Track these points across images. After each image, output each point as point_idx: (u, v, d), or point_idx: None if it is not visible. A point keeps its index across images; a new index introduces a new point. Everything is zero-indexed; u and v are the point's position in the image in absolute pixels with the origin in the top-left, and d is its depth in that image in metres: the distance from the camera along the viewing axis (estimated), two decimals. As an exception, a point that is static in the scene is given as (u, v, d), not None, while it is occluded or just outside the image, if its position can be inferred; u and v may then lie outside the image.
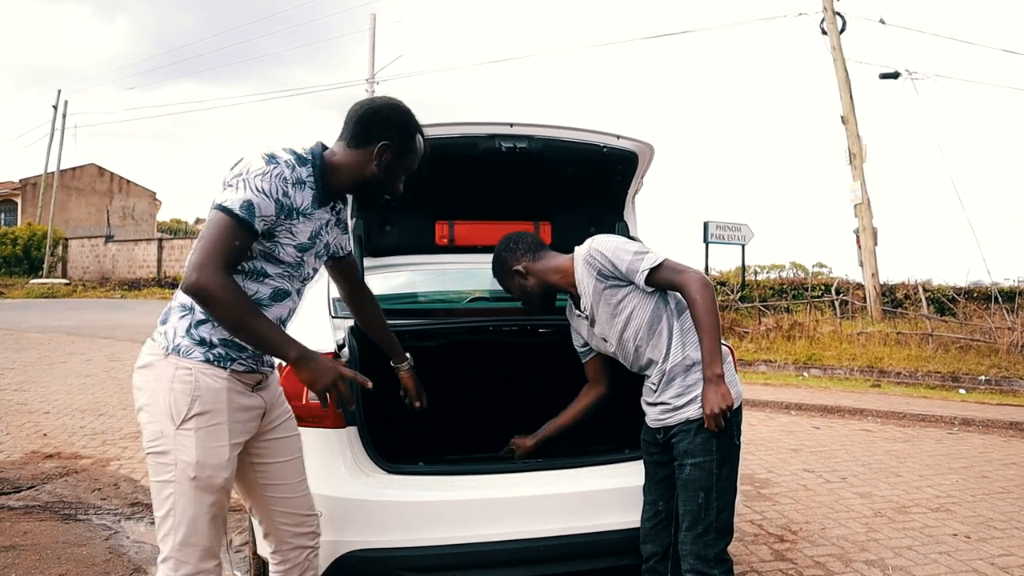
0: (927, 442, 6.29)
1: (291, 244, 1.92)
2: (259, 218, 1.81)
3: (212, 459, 1.88)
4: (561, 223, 3.27)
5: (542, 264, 2.39)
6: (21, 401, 7.15)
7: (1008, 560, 3.52)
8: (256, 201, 1.80)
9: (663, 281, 2.16)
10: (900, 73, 14.05)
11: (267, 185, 1.82)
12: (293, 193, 1.87)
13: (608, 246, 2.20)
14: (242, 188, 1.81)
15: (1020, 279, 15.08)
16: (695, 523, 2.11)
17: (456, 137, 2.81)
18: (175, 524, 1.88)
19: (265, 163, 1.84)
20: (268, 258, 1.92)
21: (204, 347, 1.88)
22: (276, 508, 2.12)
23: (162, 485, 1.89)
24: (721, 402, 2.06)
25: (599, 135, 2.94)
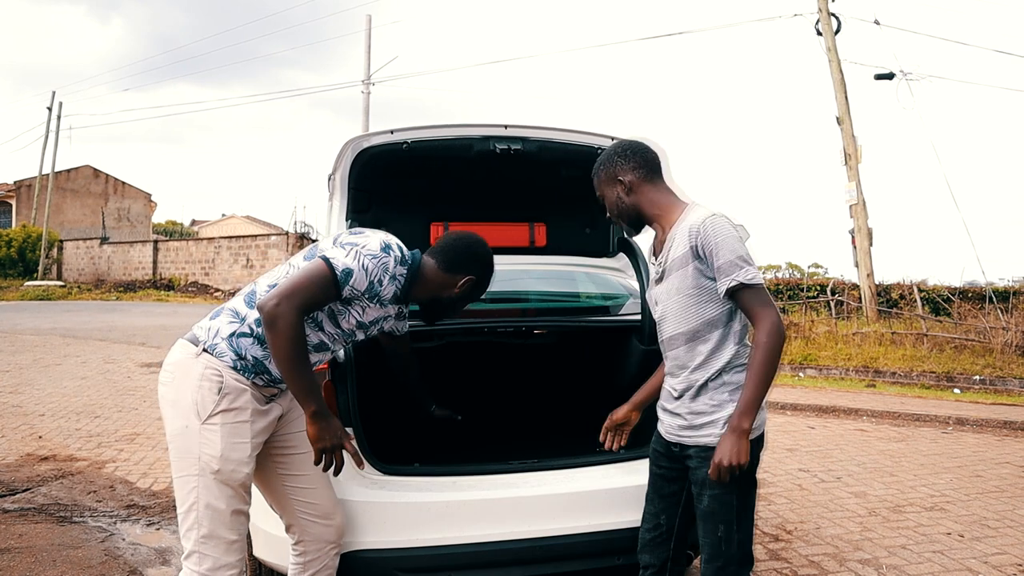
0: (922, 442, 6.31)
1: (356, 318, 2.13)
2: (350, 287, 2.01)
3: (235, 454, 1.99)
4: (555, 224, 3.28)
5: (651, 189, 2.12)
6: (16, 403, 7.13)
7: (1001, 559, 3.53)
8: (357, 274, 2.00)
9: (743, 303, 1.95)
10: (895, 74, 14.11)
11: (371, 267, 2.03)
12: (386, 283, 2.07)
13: (719, 232, 1.94)
14: (351, 257, 2.01)
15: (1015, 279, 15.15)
16: (715, 556, 2.00)
17: (451, 139, 2.82)
18: (198, 518, 1.96)
19: (379, 248, 2.06)
20: (332, 317, 2.10)
21: (236, 356, 2.02)
22: (297, 498, 2.20)
23: (185, 480, 1.98)
24: (736, 458, 1.89)
25: (593, 137, 2.95)
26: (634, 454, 2.78)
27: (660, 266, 2.11)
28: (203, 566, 1.97)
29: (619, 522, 2.54)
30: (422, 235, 3.14)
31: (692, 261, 1.98)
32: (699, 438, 2.02)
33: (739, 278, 1.91)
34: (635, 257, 3.15)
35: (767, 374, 1.90)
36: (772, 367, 1.91)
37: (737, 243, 1.94)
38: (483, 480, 2.60)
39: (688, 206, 2.08)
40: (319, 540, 2.22)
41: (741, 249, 1.94)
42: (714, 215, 1.96)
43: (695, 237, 1.96)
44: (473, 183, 3.03)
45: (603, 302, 3.49)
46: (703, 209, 2.02)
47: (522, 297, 3.85)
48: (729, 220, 1.98)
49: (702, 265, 1.98)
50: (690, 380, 2.04)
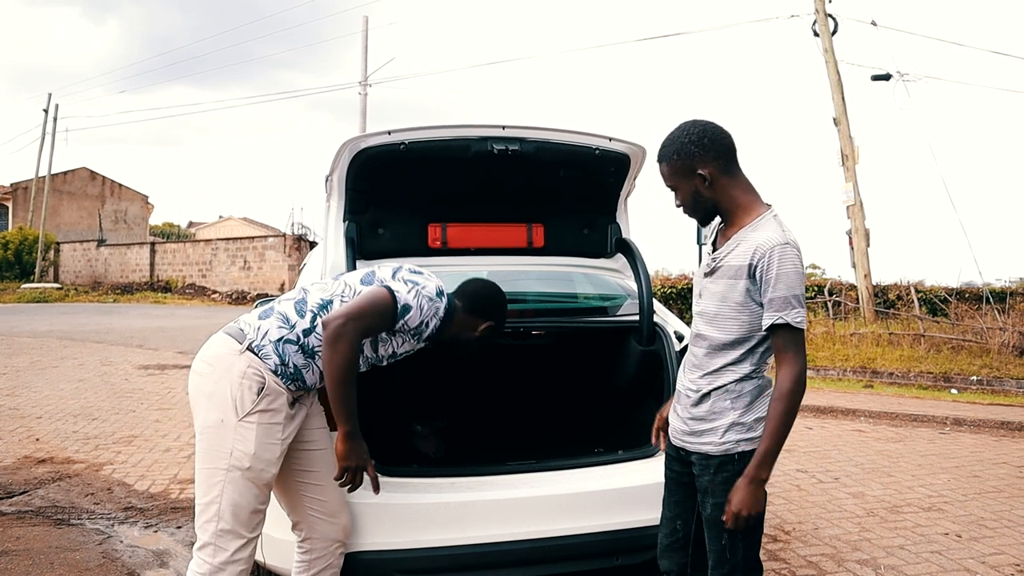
0: (919, 442, 6.32)
1: (393, 349, 2.27)
2: (404, 322, 2.16)
3: (267, 454, 2.06)
4: (554, 225, 3.27)
5: (732, 183, 1.98)
6: (13, 406, 7.11)
7: (999, 559, 3.54)
8: (414, 312, 2.17)
9: (779, 341, 1.89)
10: (892, 75, 14.11)
11: (426, 308, 2.20)
12: (429, 320, 2.24)
13: (784, 264, 1.85)
14: (412, 296, 2.17)
15: (1011, 280, 15.18)
16: (721, 563, 1.99)
17: (448, 139, 2.82)
18: (220, 511, 2.01)
19: (436, 293, 2.24)
20: (373, 344, 2.22)
21: (280, 362, 2.10)
22: (308, 495, 2.23)
23: (211, 472, 2.03)
24: (752, 508, 1.86)
25: (591, 137, 2.95)
26: (633, 455, 2.78)
27: (715, 260, 2.01)
28: (217, 559, 2.01)
29: (618, 522, 2.54)
30: (419, 236, 3.14)
31: (745, 279, 1.91)
32: (699, 445, 2.01)
33: (787, 318, 1.85)
34: (633, 258, 3.15)
35: (787, 425, 1.86)
36: (792, 418, 1.87)
37: (797, 280, 1.87)
38: (482, 481, 2.60)
39: (765, 214, 1.96)
40: (325, 538, 2.25)
41: (798, 288, 1.87)
42: (786, 244, 1.87)
43: (758, 258, 1.88)
44: (471, 184, 3.03)
45: (601, 303, 3.48)
46: (777, 229, 1.91)
47: (520, 298, 3.84)
48: (798, 250, 1.89)
49: (753, 287, 1.91)
50: (699, 384, 2.02)
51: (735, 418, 1.95)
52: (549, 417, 3.84)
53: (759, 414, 1.94)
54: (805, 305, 1.89)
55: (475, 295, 2.40)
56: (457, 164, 2.89)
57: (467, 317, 2.37)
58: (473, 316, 2.38)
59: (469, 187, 3.05)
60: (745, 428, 1.94)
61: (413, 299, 2.16)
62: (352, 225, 2.95)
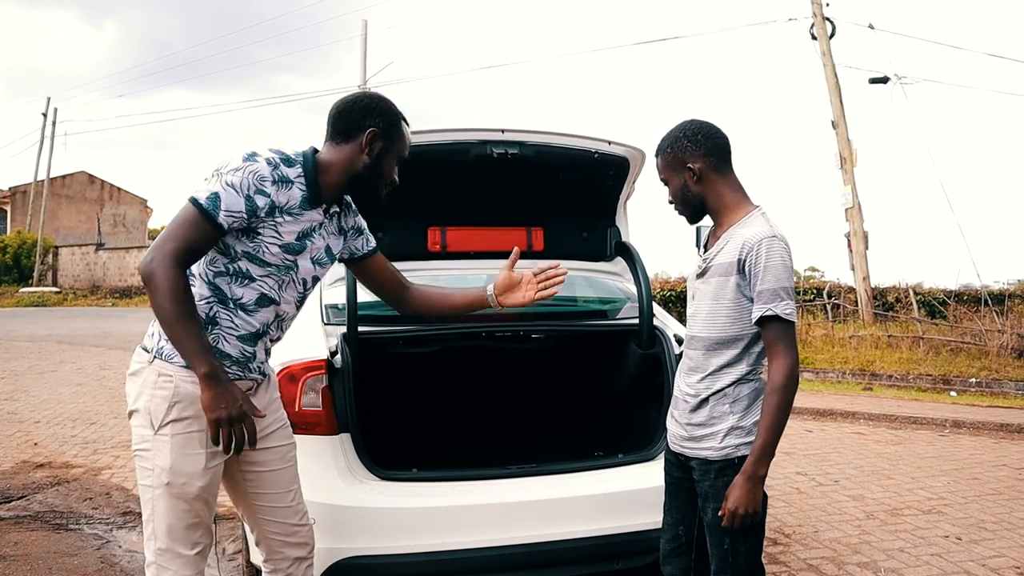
0: (919, 444, 6.32)
1: (276, 244, 1.89)
2: (224, 212, 1.79)
3: (187, 467, 1.86)
4: (553, 228, 3.28)
5: (720, 180, 2.01)
6: (11, 410, 7.10)
7: (999, 561, 3.53)
8: (223, 195, 1.79)
9: (770, 334, 1.90)
10: (889, 78, 14.14)
11: (238, 181, 1.80)
12: (274, 191, 1.84)
13: (771, 257, 1.87)
14: (213, 182, 1.81)
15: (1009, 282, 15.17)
16: (723, 567, 1.99)
17: (448, 143, 2.82)
18: (155, 530, 1.89)
19: (241, 160, 1.84)
20: (252, 259, 1.89)
21: None
22: (265, 516, 2.09)
23: (144, 489, 1.91)
24: (749, 506, 1.86)
25: (590, 141, 2.95)
26: (632, 458, 2.78)
27: (705, 262, 2.04)
28: None
29: (618, 526, 2.54)
30: (419, 239, 3.14)
31: (735, 275, 1.93)
32: (699, 450, 2.01)
33: (775, 309, 1.86)
34: (633, 261, 3.15)
35: (782, 420, 1.87)
36: (787, 412, 1.87)
37: (785, 273, 1.88)
38: (481, 485, 2.60)
39: (753, 211, 1.99)
40: (287, 558, 2.13)
41: (786, 280, 1.88)
42: (773, 237, 1.89)
43: (745, 253, 1.90)
44: (470, 187, 3.03)
45: (601, 306, 3.48)
46: (764, 224, 1.93)
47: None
48: (785, 244, 1.91)
49: (744, 282, 1.93)
50: (697, 388, 2.02)
51: (734, 422, 1.95)
52: (549, 421, 3.84)
53: (758, 417, 1.94)
54: (794, 299, 1.90)
55: (332, 117, 1.98)
56: (456, 168, 2.89)
57: (345, 148, 1.94)
58: (347, 139, 1.94)
59: (468, 191, 3.05)
60: (744, 432, 1.95)
61: (215, 185, 1.80)
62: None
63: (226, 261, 1.89)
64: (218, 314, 1.90)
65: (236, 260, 1.89)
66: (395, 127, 1.99)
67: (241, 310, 1.91)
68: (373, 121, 1.94)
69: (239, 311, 1.92)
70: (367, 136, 1.93)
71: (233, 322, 1.92)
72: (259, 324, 1.95)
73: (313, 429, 2.46)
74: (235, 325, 1.92)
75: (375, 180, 2.00)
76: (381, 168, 1.98)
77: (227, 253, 1.89)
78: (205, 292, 1.89)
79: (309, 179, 1.91)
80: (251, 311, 1.93)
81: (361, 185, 1.99)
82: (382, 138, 1.95)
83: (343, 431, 2.49)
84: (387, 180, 2.02)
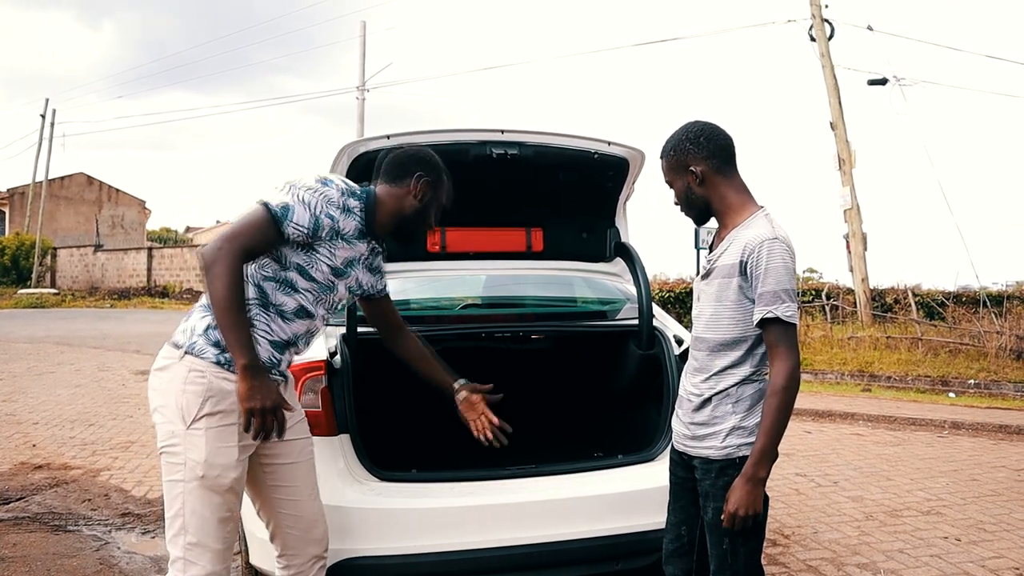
0: (917, 445, 6.32)
1: (327, 264, 2.04)
2: (291, 223, 1.93)
3: (221, 459, 1.92)
4: (553, 229, 3.28)
5: (723, 183, 2.00)
6: (10, 412, 7.09)
7: (998, 562, 3.54)
8: (295, 208, 1.93)
9: (771, 336, 1.89)
10: (888, 79, 14.17)
11: (310, 200, 1.95)
12: (339, 217, 2.00)
13: (772, 259, 1.87)
14: (286, 193, 1.96)
15: (1008, 283, 15.20)
16: (722, 568, 1.99)
17: (447, 144, 2.82)
18: (184, 524, 1.93)
19: (315, 181, 2.00)
20: (302, 272, 2.02)
21: (217, 349, 1.94)
22: (283, 511, 2.14)
23: (172, 484, 1.94)
24: (749, 508, 1.86)
25: (590, 141, 2.95)
26: (632, 459, 2.78)
27: (710, 263, 2.04)
28: (188, 573, 1.93)
29: (618, 527, 2.53)
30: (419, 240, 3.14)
31: (737, 276, 1.93)
32: (701, 450, 2.01)
33: (776, 311, 1.86)
34: (632, 262, 3.15)
35: (782, 422, 1.86)
36: (787, 414, 1.87)
37: (786, 274, 1.88)
38: (481, 486, 2.60)
39: (757, 213, 1.98)
40: (303, 554, 2.18)
41: (787, 282, 1.88)
42: (774, 239, 1.88)
43: (748, 254, 1.90)
44: (469, 188, 3.02)
45: (600, 307, 3.49)
46: (767, 225, 1.93)
47: (519, 302, 3.85)
48: (788, 245, 1.90)
49: (746, 284, 1.93)
50: (701, 388, 2.02)
51: (736, 422, 1.95)
52: (549, 421, 3.83)
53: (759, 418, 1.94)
54: (796, 300, 1.90)
55: (388, 164, 2.18)
56: (456, 168, 2.88)
57: (395, 188, 2.14)
58: (400, 182, 2.14)
59: (468, 191, 3.05)
60: (747, 432, 1.94)
61: (289, 197, 1.95)
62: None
63: (277, 268, 2.01)
64: (257, 316, 1.99)
65: (287, 270, 2.01)
66: (441, 176, 2.19)
67: (280, 317, 2.02)
68: (424, 168, 2.15)
69: (278, 318, 2.02)
70: (416, 182, 2.13)
71: (270, 327, 2.01)
72: (292, 334, 2.06)
73: (312, 430, 2.45)
74: (271, 330, 2.02)
75: (417, 221, 2.18)
76: (425, 211, 2.17)
77: (280, 261, 2.01)
78: (250, 293, 1.99)
79: (367, 213, 2.08)
80: (288, 319, 2.04)
81: (407, 226, 2.18)
82: (430, 184, 2.15)
83: (342, 432, 2.49)
84: (426, 224, 2.21)
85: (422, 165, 2.16)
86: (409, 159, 2.16)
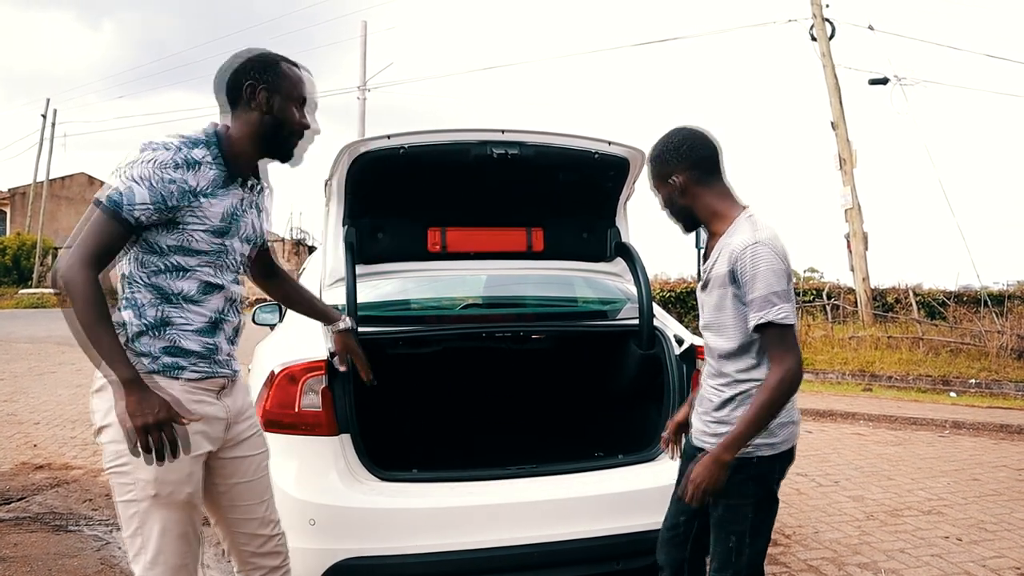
0: (919, 445, 6.32)
1: (202, 229, 1.84)
2: (130, 206, 1.74)
3: (172, 475, 1.80)
4: (553, 229, 3.28)
5: (704, 193, 2.01)
6: (11, 412, 7.10)
7: (1000, 562, 3.53)
8: (126, 190, 1.74)
9: (767, 340, 1.91)
10: (889, 79, 14.16)
11: (141, 173, 1.75)
12: (183, 176, 1.78)
13: (757, 263, 1.87)
14: (116, 180, 1.76)
15: (1009, 283, 15.19)
16: (725, 566, 1.99)
17: (448, 144, 2.82)
18: (144, 543, 1.83)
19: (140, 151, 1.78)
20: (182, 251, 1.84)
21: (148, 358, 1.82)
22: (238, 529, 2.03)
23: (126, 505, 1.84)
24: (708, 483, 1.89)
25: (591, 141, 2.95)
26: (633, 459, 2.78)
27: (706, 273, 2.05)
28: None
29: (618, 527, 2.54)
30: (419, 240, 3.14)
31: (730, 286, 1.94)
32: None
33: (768, 316, 1.85)
34: (633, 262, 3.15)
35: (764, 418, 1.87)
36: (773, 412, 1.87)
37: (774, 277, 1.86)
38: (481, 486, 2.60)
39: (740, 216, 1.98)
40: (261, 568, 2.06)
41: (777, 284, 1.86)
42: (756, 243, 1.88)
43: (735, 262, 1.91)
44: (470, 188, 3.03)
45: (601, 307, 3.49)
46: (749, 230, 1.92)
47: (520, 302, 3.85)
48: (771, 247, 1.89)
49: (739, 292, 1.93)
50: (721, 390, 2.03)
51: None
52: (549, 421, 3.83)
53: (783, 419, 1.94)
54: (791, 299, 1.88)
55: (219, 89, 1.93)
56: (456, 168, 2.89)
57: (238, 115, 1.91)
58: (237, 107, 1.91)
59: (469, 191, 3.05)
60: (768, 433, 1.93)
61: (119, 182, 1.75)
62: (351, 230, 2.95)
63: (158, 259, 1.84)
64: (168, 314, 1.85)
65: (167, 256, 1.84)
66: (276, 73, 1.90)
67: (189, 303, 1.86)
68: (253, 76, 1.89)
69: (187, 304, 1.86)
70: (255, 94, 1.88)
71: (185, 317, 1.86)
72: (211, 312, 1.90)
73: (313, 430, 2.45)
74: (188, 320, 1.86)
75: (282, 133, 1.93)
76: (282, 118, 1.91)
77: (157, 251, 1.83)
78: (148, 295, 1.84)
79: (220, 155, 1.86)
80: (199, 301, 1.88)
81: (270, 143, 1.94)
82: (267, 89, 1.89)
83: (343, 432, 2.49)
84: (291, 126, 1.94)
85: (248, 73, 1.89)
86: (234, 76, 1.90)
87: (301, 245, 25.73)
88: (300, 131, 1.97)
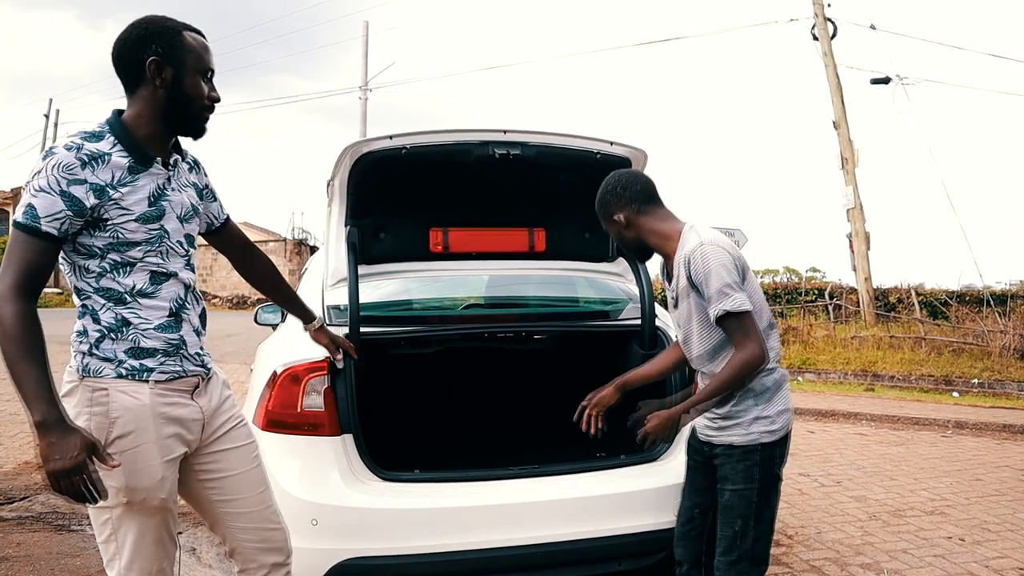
0: (921, 445, 6.31)
1: (129, 219, 1.74)
2: (46, 219, 1.65)
3: (143, 482, 1.77)
4: (555, 229, 3.28)
5: (646, 221, 2.19)
6: (13, 411, 7.11)
7: (1002, 562, 3.53)
8: (39, 202, 1.65)
9: (728, 330, 2.05)
10: (891, 78, 14.15)
11: (45, 182, 1.65)
12: (89, 173, 1.68)
13: (707, 262, 2.02)
14: (25, 196, 1.68)
15: (1012, 282, 15.17)
16: (730, 549, 2.08)
17: (450, 144, 2.82)
18: (118, 549, 1.81)
19: (41, 161, 1.68)
20: (119, 246, 1.75)
21: (112, 363, 1.77)
22: (236, 524, 1.97)
23: (98, 512, 1.81)
24: (659, 434, 2.07)
25: (592, 141, 2.95)
26: (635, 459, 2.78)
27: (673, 291, 2.22)
28: None
29: (621, 527, 2.54)
30: (421, 240, 3.14)
31: (692, 292, 2.10)
32: (724, 437, 2.13)
33: (724, 306, 2.00)
34: (634, 262, 3.15)
35: (724, 392, 2.04)
36: (731, 387, 2.03)
37: (723, 271, 2.01)
38: (483, 486, 2.60)
39: (684, 230, 2.14)
40: (263, 566, 2.01)
41: (728, 276, 2.01)
42: (702, 244, 2.03)
43: (688, 269, 2.06)
44: (472, 188, 3.03)
45: (603, 307, 3.48)
46: (694, 236, 2.08)
47: (522, 302, 3.85)
48: (717, 245, 2.04)
49: (699, 296, 2.08)
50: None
51: (758, 412, 2.10)
52: (551, 421, 3.83)
53: (780, 407, 2.11)
54: (742, 289, 2.03)
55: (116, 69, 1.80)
56: (459, 169, 2.89)
57: (139, 96, 1.78)
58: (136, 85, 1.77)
59: (471, 191, 3.05)
60: (769, 421, 2.09)
61: (29, 197, 1.66)
62: (354, 230, 2.96)
63: (98, 262, 1.76)
64: (123, 315, 1.78)
65: (106, 256, 1.76)
66: (175, 44, 1.77)
67: (143, 297, 1.79)
68: (150, 50, 1.75)
69: (142, 299, 1.79)
70: (151, 69, 1.75)
71: (141, 315, 1.79)
72: (168, 303, 1.83)
73: (315, 430, 2.46)
74: (146, 317, 1.79)
75: (186, 107, 1.81)
76: (184, 92, 1.79)
77: (94, 254, 1.76)
78: (100, 300, 1.78)
79: (126, 141, 1.76)
80: (152, 294, 1.80)
81: (175, 119, 1.81)
82: (167, 62, 1.76)
83: (345, 432, 2.49)
84: (200, 101, 1.82)
85: (141, 47, 1.75)
86: (127, 52, 1.76)
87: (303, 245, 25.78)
88: (211, 105, 1.85)
